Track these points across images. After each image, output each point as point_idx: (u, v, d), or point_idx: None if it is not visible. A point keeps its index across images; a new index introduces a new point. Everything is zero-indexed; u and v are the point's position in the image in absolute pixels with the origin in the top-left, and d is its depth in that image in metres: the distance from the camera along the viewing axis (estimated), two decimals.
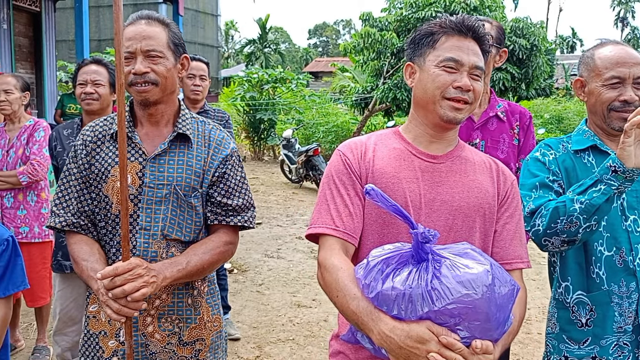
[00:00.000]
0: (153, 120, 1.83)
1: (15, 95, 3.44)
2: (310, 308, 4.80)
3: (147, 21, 1.78)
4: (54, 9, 9.07)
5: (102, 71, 2.90)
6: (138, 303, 1.58)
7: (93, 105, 2.88)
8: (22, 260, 2.05)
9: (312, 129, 14.90)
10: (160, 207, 1.77)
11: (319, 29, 69.93)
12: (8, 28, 7.97)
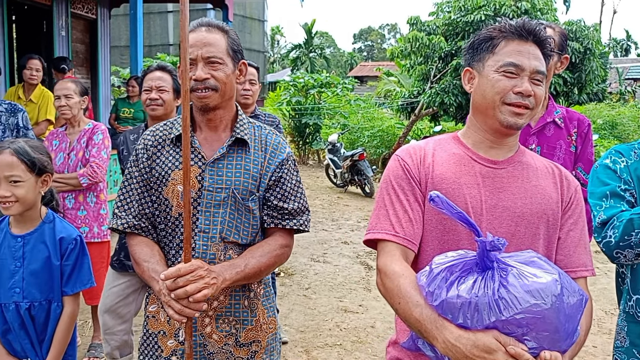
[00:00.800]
0: (212, 125, 1.86)
1: (75, 100, 3.56)
2: (357, 314, 4.78)
3: (207, 28, 1.81)
4: (109, 16, 9.37)
5: (167, 78, 2.98)
6: (199, 304, 1.61)
7: (157, 110, 2.96)
8: (89, 259, 2.13)
9: (357, 133, 14.88)
10: (218, 210, 1.80)
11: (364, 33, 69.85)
12: (66, 35, 8.28)
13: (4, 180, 1.98)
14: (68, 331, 2.11)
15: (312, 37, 33.69)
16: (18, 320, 2.04)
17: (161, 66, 3.06)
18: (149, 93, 2.96)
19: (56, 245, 2.09)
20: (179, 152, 1.84)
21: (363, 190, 10.88)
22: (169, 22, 22.93)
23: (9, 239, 2.08)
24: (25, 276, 2.05)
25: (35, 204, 2.09)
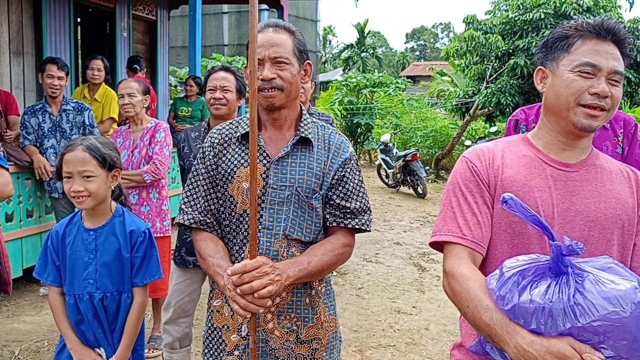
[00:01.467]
0: (277, 124, 1.89)
1: (138, 98, 3.67)
2: (410, 315, 4.74)
3: (274, 29, 1.83)
4: (168, 17, 9.62)
5: (230, 78, 3.04)
6: (264, 300, 1.63)
7: (221, 110, 3.02)
8: (157, 252, 2.20)
9: (409, 133, 14.75)
10: (282, 207, 1.82)
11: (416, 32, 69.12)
12: (128, 36, 8.56)
13: (78, 175, 2.06)
14: (138, 321, 2.18)
15: (365, 36, 33.58)
16: (92, 310, 2.12)
17: (225, 67, 3.12)
18: (213, 92, 3.02)
19: (126, 237, 2.16)
20: (244, 150, 1.87)
21: (415, 191, 10.77)
22: (224, 23, 23.31)
23: (82, 232, 2.16)
24: (98, 268, 2.13)
25: (106, 199, 2.17)
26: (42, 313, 4.38)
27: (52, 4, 7.11)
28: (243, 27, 22.65)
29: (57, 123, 4.55)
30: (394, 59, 51.17)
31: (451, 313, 4.79)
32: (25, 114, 4.59)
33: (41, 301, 4.61)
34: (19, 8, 6.77)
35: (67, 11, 7.39)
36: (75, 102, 4.68)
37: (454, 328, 4.48)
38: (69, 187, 2.06)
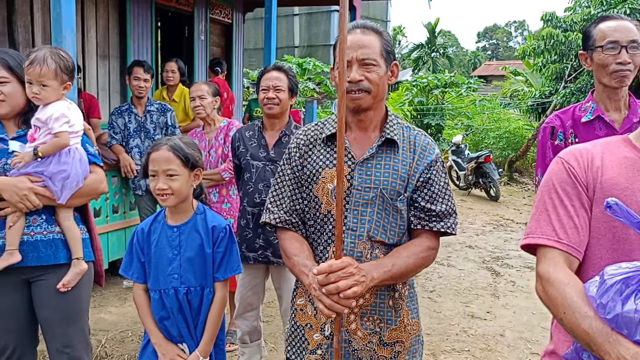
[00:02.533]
0: (362, 126, 1.89)
1: (208, 100, 3.80)
2: (485, 320, 4.63)
3: (362, 30, 1.84)
4: (243, 20, 9.84)
5: (283, 77, 3.08)
6: (349, 300, 1.64)
7: (274, 109, 3.06)
8: (237, 247, 2.26)
9: (481, 134, 14.39)
10: (366, 209, 1.82)
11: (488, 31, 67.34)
12: (205, 39, 8.83)
13: (162, 173, 2.14)
14: (219, 315, 2.24)
15: (435, 36, 33.05)
16: (176, 305, 2.20)
17: (277, 66, 3.16)
18: (266, 92, 3.06)
19: (208, 233, 2.21)
20: (329, 151, 1.89)
21: (488, 193, 10.51)
22: (295, 25, 23.60)
23: (166, 229, 2.24)
24: (182, 263, 2.20)
25: (188, 197, 2.23)
26: (126, 305, 4.59)
27: (136, 9, 7.44)
28: (313, 29, 22.86)
29: (141, 123, 4.76)
30: (464, 58, 50.09)
31: (528, 320, 4.64)
32: (113, 115, 4.84)
33: (124, 293, 4.83)
34: (106, 13, 7.13)
35: (149, 15, 7.72)
36: (159, 103, 4.88)
37: (531, 335, 4.34)
38: (154, 184, 2.14)
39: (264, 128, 3.17)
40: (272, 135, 3.14)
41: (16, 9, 5.97)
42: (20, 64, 2.25)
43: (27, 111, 2.30)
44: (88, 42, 6.84)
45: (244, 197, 3.13)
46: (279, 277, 3.21)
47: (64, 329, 2.33)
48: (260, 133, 3.16)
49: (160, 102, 4.94)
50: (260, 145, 3.12)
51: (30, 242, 2.25)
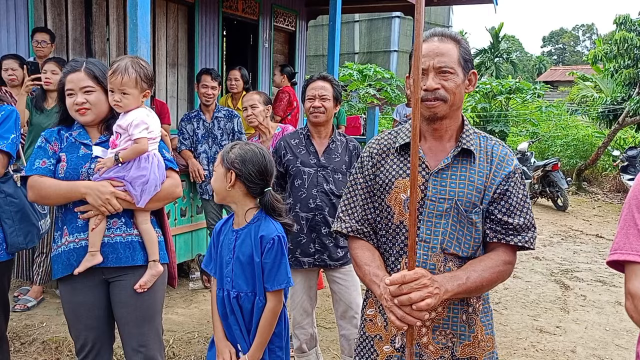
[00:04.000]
0: (437, 135, 1.86)
1: (260, 109, 3.86)
2: (554, 335, 4.46)
3: (439, 38, 1.82)
4: (306, 28, 9.95)
5: (328, 87, 3.15)
6: (422, 313, 1.62)
7: (320, 117, 3.13)
8: (286, 260, 2.20)
9: (548, 142, 13.93)
10: (440, 220, 1.79)
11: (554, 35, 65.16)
12: (269, 47, 8.98)
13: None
14: (270, 325, 2.21)
15: (499, 41, 32.30)
16: (229, 307, 2.23)
17: (323, 76, 3.23)
18: (312, 101, 3.13)
19: (257, 242, 2.19)
20: (403, 160, 1.87)
21: (555, 203, 10.15)
22: (355, 32, 23.64)
23: (229, 232, 2.28)
24: (234, 267, 2.21)
25: (247, 203, 2.23)
26: (192, 306, 4.70)
27: (204, 18, 7.66)
28: (374, 35, 22.82)
29: (209, 129, 4.89)
30: (529, 63, 48.65)
31: (600, 337, 4.44)
32: (182, 121, 4.99)
33: (191, 295, 4.96)
34: (176, 23, 7.37)
35: (216, 25, 7.93)
36: (226, 109, 5.00)
37: (605, 353, 4.14)
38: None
39: (311, 136, 3.22)
40: (320, 142, 3.22)
41: (93, 20, 6.27)
42: (104, 73, 2.36)
43: (109, 118, 2.41)
44: (158, 51, 7.09)
45: (295, 203, 3.16)
46: (334, 280, 3.23)
47: (139, 329, 2.42)
48: (308, 140, 3.21)
49: (228, 109, 5.05)
50: (310, 152, 3.19)
51: (110, 244, 2.34)
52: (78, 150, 2.36)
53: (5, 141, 2.44)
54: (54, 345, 3.79)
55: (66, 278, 2.37)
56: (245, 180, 2.17)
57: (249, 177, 2.17)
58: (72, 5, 6.02)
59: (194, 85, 5.16)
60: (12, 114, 2.53)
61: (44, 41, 4.81)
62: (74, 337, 2.47)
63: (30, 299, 4.39)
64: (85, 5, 6.17)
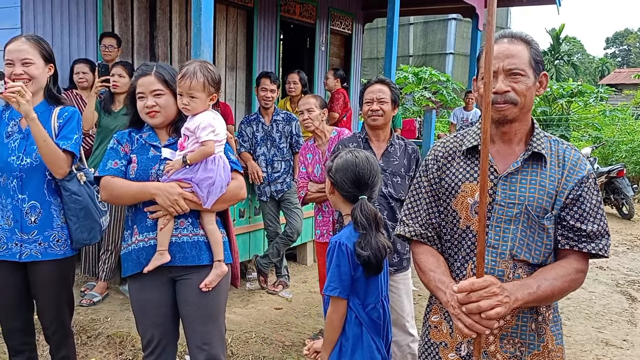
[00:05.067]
0: (506, 138, 1.83)
1: (316, 113, 3.86)
2: (621, 349, 4.28)
3: (509, 40, 1.78)
4: (362, 31, 9.94)
5: (386, 90, 3.16)
6: (491, 321, 1.59)
7: (378, 120, 3.13)
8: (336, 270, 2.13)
9: (612, 147, 13.38)
10: (509, 226, 1.75)
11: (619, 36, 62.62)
12: (325, 50, 9.02)
13: None
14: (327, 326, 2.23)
15: (560, 43, 31.32)
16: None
17: (381, 79, 3.24)
18: (371, 104, 3.15)
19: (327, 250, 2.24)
20: (469, 164, 1.85)
21: (620, 211, 9.74)
22: (410, 34, 23.45)
23: None
24: None
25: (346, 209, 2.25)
26: (249, 306, 4.77)
27: (263, 22, 7.78)
28: (429, 37, 22.57)
29: (268, 132, 4.95)
30: (591, 66, 46.94)
31: None
32: (242, 124, 5.07)
33: (247, 295, 5.03)
34: (235, 27, 7.52)
35: (274, 29, 8.03)
36: (285, 113, 5.05)
37: None
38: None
39: (369, 140, 3.21)
40: (378, 145, 3.21)
41: (157, 25, 6.47)
42: (173, 77, 2.43)
43: (177, 121, 2.48)
44: (218, 55, 7.25)
45: None
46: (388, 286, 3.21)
47: (204, 327, 2.47)
48: (366, 144, 3.21)
49: (286, 112, 5.11)
50: None
51: (178, 244, 2.40)
52: (148, 151, 2.44)
53: (69, 141, 2.54)
54: (118, 340, 3.92)
55: (135, 276, 2.45)
56: (338, 187, 2.21)
57: (341, 185, 2.20)
58: (137, 10, 6.23)
59: (252, 88, 5.24)
60: (74, 115, 2.62)
61: (111, 45, 4.99)
62: (140, 333, 2.55)
63: (96, 294, 4.56)
64: (150, 10, 6.37)
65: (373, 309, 2.17)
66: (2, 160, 2.50)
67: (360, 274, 2.12)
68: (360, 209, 2.14)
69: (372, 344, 2.16)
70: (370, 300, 2.17)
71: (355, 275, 2.12)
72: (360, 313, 2.15)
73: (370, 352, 2.15)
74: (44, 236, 2.56)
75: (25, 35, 2.57)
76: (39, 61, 2.54)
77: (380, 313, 2.19)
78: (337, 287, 2.10)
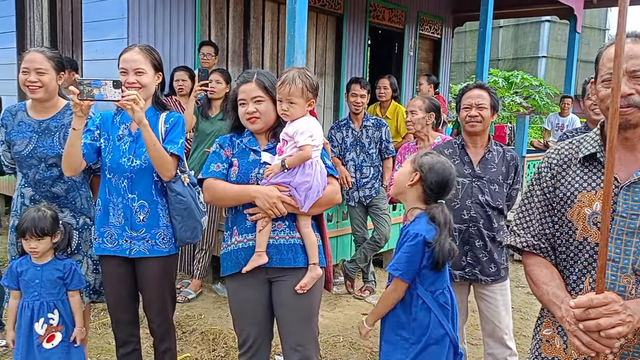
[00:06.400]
0: (628, 145, 1.70)
1: (419, 116, 3.79)
2: None
3: (633, 39, 1.67)
4: (452, 35, 9.76)
5: (485, 95, 3.06)
6: (611, 340, 1.48)
7: (477, 127, 3.05)
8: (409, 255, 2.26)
9: None
10: (632, 239, 1.63)
11: None
12: (414, 55, 8.93)
13: None
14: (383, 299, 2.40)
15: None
16: None
17: (479, 84, 3.14)
18: (469, 110, 3.06)
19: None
20: (587, 172, 1.74)
21: None
22: (499, 38, 22.75)
23: None
24: None
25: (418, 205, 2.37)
26: (336, 310, 4.78)
27: (352, 28, 7.82)
28: (520, 41, 21.79)
29: (358, 138, 4.95)
30: None
31: None
32: (332, 129, 5.10)
33: (334, 299, 5.04)
34: (325, 34, 7.60)
35: (363, 35, 8.05)
36: (375, 118, 5.03)
37: None
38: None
39: (465, 146, 3.12)
40: (475, 152, 3.12)
41: (250, 33, 6.66)
42: (273, 84, 2.48)
43: (276, 126, 2.52)
44: (307, 62, 7.34)
45: None
46: (483, 298, 3.11)
47: (298, 328, 2.49)
48: (462, 150, 3.12)
49: (376, 117, 5.09)
50: (464, 162, 3.09)
51: (275, 246, 2.44)
52: (248, 156, 2.50)
53: (176, 145, 2.65)
54: (211, 337, 4.05)
55: (233, 275, 2.52)
56: (426, 185, 2.29)
57: (429, 184, 2.29)
58: (232, 19, 6.45)
59: (341, 94, 5.27)
60: (179, 120, 2.74)
61: (209, 54, 5.19)
62: (237, 331, 2.61)
63: (191, 291, 4.74)
64: (244, 19, 6.58)
65: (441, 294, 2.31)
66: (114, 162, 2.66)
67: (429, 264, 2.26)
68: (442, 210, 2.28)
69: (440, 328, 2.28)
70: (438, 286, 2.32)
71: (424, 264, 2.26)
72: (428, 298, 2.28)
73: (437, 335, 2.27)
74: (151, 234, 2.69)
75: (138, 46, 2.72)
76: (150, 70, 2.67)
77: (448, 298, 2.33)
78: (401, 269, 2.25)
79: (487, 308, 3.10)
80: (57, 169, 2.89)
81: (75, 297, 2.80)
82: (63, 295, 2.76)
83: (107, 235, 2.70)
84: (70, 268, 2.76)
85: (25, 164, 2.91)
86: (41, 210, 2.70)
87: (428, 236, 2.23)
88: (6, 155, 3.01)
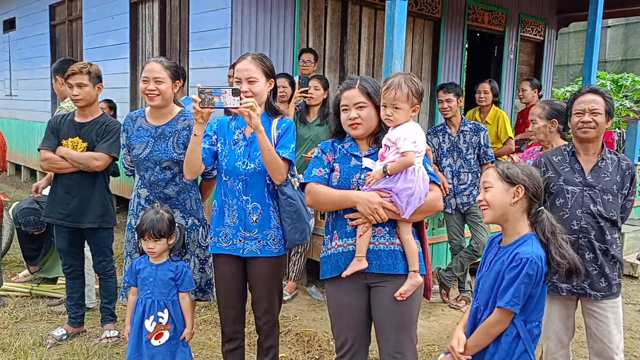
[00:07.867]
0: None
1: (539, 125, 3.61)
2: None
3: None
4: (556, 36, 9.33)
5: (599, 100, 2.91)
6: None
7: (590, 133, 2.90)
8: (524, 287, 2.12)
9: None
10: None
11: None
12: (514, 58, 8.62)
13: None
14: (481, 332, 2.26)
15: None
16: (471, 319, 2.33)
17: (593, 89, 2.98)
18: (581, 116, 2.92)
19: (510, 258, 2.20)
20: None
21: None
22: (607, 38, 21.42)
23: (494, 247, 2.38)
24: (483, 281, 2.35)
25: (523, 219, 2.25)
26: (431, 319, 4.71)
27: (449, 32, 7.69)
28: (631, 41, 20.37)
29: (454, 143, 4.86)
30: None
31: None
32: (428, 134, 5.04)
33: (429, 307, 4.96)
34: (421, 38, 7.53)
35: (460, 38, 7.90)
36: (472, 123, 4.92)
37: None
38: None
39: (576, 152, 2.97)
40: (587, 160, 2.97)
41: (347, 40, 6.74)
42: (376, 90, 2.50)
43: (377, 132, 2.54)
44: (404, 67, 7.31)
45: None
46: (591, 314, 2.95)
47: (396, 335, 2.49)
48: (572, 157, 2.98)
49: (474, 122, 4.97)
50: (575, 170, 2.95)
51: (375, 251, 2.46)
52: (349, 161, 2.54)
53: (287, 150, 2.74)
54: (306, 339, 4.13)
55: (333, 279, 2.56)
56: (532, 195, 2.18)
57: (535, 193, 2.18)
58: (330, 26, 6.56)
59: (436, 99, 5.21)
60: (291, 126, 2.84)
61: (309, 60, 5.31)
62: (335, 335, 2.65)
63: (286, 293, 4.85)
64: (342, 25, 6.66)
65: (536, 327, 2.20)
66: (230, 165, 2.79)
67: (537, 291, 2.14)
68: (547, 217, 2.19)
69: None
70: (534, 317, 2.20)
71: (533, 292, 2.14)
72: (522, 329, 2.17)
73: None
74: (263, 235, 2.80)
75: (251, 54, 2.83)
76: (262, 78, 2.77)
77: (539, 333, 2.22)
78: (519, 303, 2.12)
79: (597, 326, 2.94)
80: (170, 172, 3.08)
81: (185, 299, 2.96)
82: (174, 296, 2.93)
83: (223, 234, 2.84)
84: (182, 270, 2.93)
85: (142, 167, 3.13)
86: (159, 212, 2.88)
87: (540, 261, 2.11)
88: (126, 158, 3.25)
